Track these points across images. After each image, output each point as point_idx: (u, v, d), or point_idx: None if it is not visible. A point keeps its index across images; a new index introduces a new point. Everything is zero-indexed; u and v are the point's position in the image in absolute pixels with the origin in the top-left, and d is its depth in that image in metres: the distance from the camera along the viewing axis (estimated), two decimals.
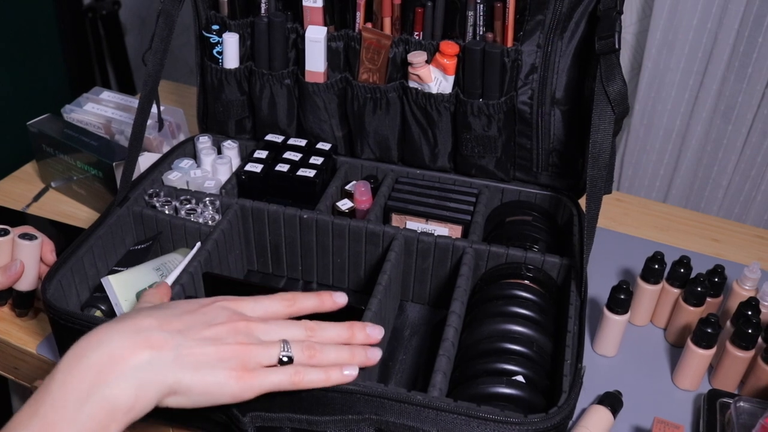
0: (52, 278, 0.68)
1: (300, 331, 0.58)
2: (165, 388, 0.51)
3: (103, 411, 0.48)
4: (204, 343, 0.53)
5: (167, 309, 0.55)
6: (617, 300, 0.75)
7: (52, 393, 0.48)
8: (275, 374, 0.54)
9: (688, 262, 0.79)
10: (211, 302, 0.57)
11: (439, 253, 0.78)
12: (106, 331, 0.51)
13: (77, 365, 0.49)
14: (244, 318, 0.56)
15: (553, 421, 0.56)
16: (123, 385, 0.49)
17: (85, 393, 0.48)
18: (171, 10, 0.78)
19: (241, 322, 0.56)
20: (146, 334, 0.51)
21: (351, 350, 0.58)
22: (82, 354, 0.49)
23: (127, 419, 0.49)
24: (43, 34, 1.54)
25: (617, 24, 0.70)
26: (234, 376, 0.53)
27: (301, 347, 0.56)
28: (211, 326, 0.54)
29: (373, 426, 0.58)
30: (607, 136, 0.68)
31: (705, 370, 0.74)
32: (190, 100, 1.25)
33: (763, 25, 1.06)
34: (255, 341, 0.55)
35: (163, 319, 0.53)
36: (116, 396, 0.48)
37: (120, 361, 0.49)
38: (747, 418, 0.67)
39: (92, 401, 0.48)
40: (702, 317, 0.72)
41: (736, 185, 1.21)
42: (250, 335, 0.55)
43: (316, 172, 0.84)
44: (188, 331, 0.53)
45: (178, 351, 0.52)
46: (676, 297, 0.80)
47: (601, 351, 0.79)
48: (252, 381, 0.53)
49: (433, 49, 0.81)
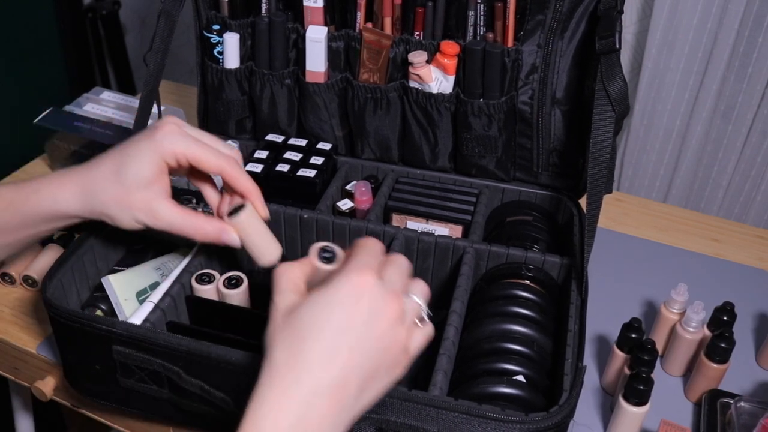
0: (52, 277, 0.68)
1: (419, 285, 0.53)
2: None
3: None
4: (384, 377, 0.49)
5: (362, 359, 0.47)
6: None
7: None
8: (419, 337, 0.50)
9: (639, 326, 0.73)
10: (389, 326, 0.48)
11: (440, 253, 0.78)
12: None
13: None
14: (404, 326, 0.49)
15: (554, 420, 0.56)
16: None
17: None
18: (172, 10, 0.78)
19: (405, 338, 0.49)
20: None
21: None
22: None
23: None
24: (43, 34, 1.54)
25: (618, 24, 0.70)
26: (401, 373, 0.50)
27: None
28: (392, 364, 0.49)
29: (374, 425, 0.58)
30: (607, 136, 0.68)
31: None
32: (191, 100, 1.25)
33: (763, 25, 1.06)
34: (410, 331, 0.50)
35: (363, 378, 0.47)
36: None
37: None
38: (747, 418, 0.67)
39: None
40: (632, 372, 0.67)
41: (736, 185, 1.21)
42: (410, 331, 0.50)
43: (317, 172, 0.84)
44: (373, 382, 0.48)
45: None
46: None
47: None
48: (408, 359, 0.50)
49: (433, 49, 0.81)
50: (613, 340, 0.74)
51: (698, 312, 0.74)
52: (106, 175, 0.64)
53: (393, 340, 0.48)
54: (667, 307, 0.78)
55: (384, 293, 0.48)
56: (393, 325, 0.48)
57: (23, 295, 0.87)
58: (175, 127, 0.64)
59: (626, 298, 0.89)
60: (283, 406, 0.45)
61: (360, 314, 0.47)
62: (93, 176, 0.64)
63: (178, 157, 0.64)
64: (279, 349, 0.47)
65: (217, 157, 0.65)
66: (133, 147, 0.64)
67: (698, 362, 0.74)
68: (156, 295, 0.69)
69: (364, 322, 0.47)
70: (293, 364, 0.46)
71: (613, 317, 0.82)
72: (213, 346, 0.61)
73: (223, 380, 0.61)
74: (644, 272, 0.93)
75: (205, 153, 0.64)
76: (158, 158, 0.63)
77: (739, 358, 0.79)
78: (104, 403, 0.70)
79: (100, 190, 0.64)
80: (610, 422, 0.70)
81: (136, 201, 0.63)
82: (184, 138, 0.64)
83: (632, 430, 0.68)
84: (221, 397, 0.62)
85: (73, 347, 0.68)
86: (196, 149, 0.64)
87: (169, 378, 0.63)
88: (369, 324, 0.47)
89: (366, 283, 0.47)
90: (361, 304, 0.47)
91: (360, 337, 0.46)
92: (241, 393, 0.62)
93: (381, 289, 0.48)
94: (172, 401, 0.66)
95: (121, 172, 0.63)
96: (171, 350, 0.62)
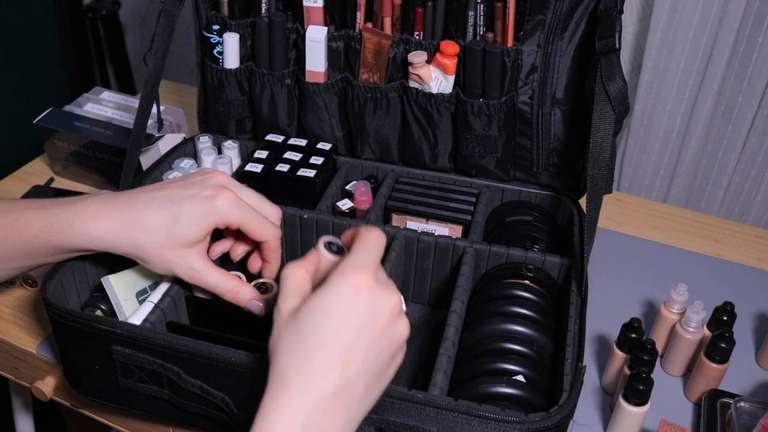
0: (52, 278, 0.68)
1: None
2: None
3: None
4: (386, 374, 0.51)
5: (364, 356, 0.48)
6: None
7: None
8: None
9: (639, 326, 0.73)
10: (386, 325, 0.49)
11: (440, 253, 0.78)
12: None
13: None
14: (403, 322, 0.51)
15: (553, 420, 0.56)
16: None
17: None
18: (172, 10, 0.78)
19: (403, 327, 0.51)
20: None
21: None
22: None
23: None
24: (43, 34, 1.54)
25: (617, 24, 0.70)
26: (399, 362, 0.51)
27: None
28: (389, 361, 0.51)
29: (374, 425, 0.58)
30: (607, 136, 0.68)
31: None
32: (191, 100, 1.25)
33: (763, 25, 1.06)
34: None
35: (367, 379, 0.48)
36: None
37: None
38: (747, 418, 0.67)
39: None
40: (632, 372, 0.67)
41: (736, 185, 1.21)
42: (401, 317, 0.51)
43: (317, 172, 0.84)
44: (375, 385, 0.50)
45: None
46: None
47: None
48: (403, 351, 0.52)
49: (433, 49, 0.81)
50: (613, 340, 0.74)
51: (698, 312, 0.74)
52: (157, 226, 0.63)
53: (394, 336, 0.49)
54: (667, 307, 0.78)
55: (380, 292, 0.48)
56: (392, 320, 0.49)
57: (23, 294, 0.87)
58: (233, 197, 0.65)
59: (626, 298, 0.89)
60: (291, 412, 0.45)
61: (359, 316, 0.47)
62: (141, 222, 0.63)
63: (231, 224, 0.65)
64: (283, 355, 0.47)
65: (265, 229, 0.66)
66: (190, 204, 0.63)
67: (698, 362, 0.74)
68: (156, 295, 0.69)
69: (364, 324, 0.47)
70: (297, 370, 0.46)
71: (613, 317, 0.82)
72: (213, 347, 0.61)
73: (223, 380, 0.61)
74: (644, 272, 0.93)
75: (256, 225, 0.66)
76: (212, 223, 0.64)
77: (739, 358, 0.79)
78: (104, 403, 0.70)
79: (145, 239, 0.63)
80: (609, 422, 0.70)
81: (177, 256, 0.64)
82: (241, 207, 0.65)
83: (632, 430, 0.68)
84: (221, 398, 0.62)
85: (73, 347, 0.68)
86: (250, 221, 0.65)
87: (169, 378, 0.63)
88: (368, 324, 0.48)
89: (363, 284, 0.48)
90: (360, 305, 0.47)
91: (362, 339, 0.47)
92: (240, 393, 0.62)
93: (377, 289, 0.48)
94: (172, 401, 0.66)
95: (171, 225, 0.63)
96: (171, 350, 0.62)
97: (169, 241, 0.63)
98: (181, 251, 0.64)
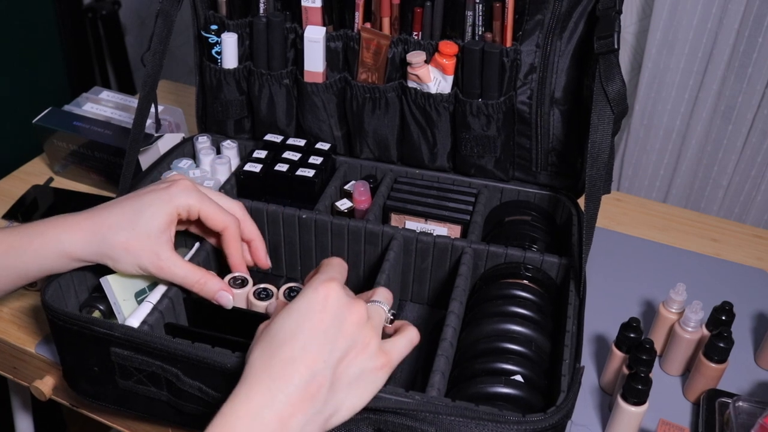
0: (51, 280, 0.68)
1: (382, 292, 0.61)
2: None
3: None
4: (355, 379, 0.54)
5: (329, 350, 0.53)
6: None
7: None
8: (400, 344, 0.58)
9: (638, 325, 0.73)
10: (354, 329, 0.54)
11: (438, 253, 0.78)
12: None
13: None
14: (369, 326, 0.55)
15: (551, 421, 0.56)
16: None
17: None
18: (170, 11, 0.78)
19: (372, 337, 0.55)
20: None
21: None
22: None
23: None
24: (43, 34, 1.54)
25: (616, 24, 0.70)
26: (384, 374, 0.55)
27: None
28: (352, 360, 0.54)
29: (372, 425, 0.58)
30: (606, 136, 0.68)
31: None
32: (189, 100, 1.25)
33: (763, 25, 1.05)
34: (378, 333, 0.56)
35: (333, 375, 0.53)
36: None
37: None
38: (746, 417, 0.67)
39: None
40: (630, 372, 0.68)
41: (736, 185, 1.21)
42: (377, 329, 0.56)
43: (315, 172, 0.84)
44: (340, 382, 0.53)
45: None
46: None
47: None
48: (389, 362, 0.56)
49: (432, 49, 0.81)
50: (611, 340, 0.74)
51: (697, 312, 0.74)
52: (120, 220, 0.66)
53: (359, 338, 0.53)
54: (666, 307, 0.78)
55: (347, 301, 0.54)
56: (358, 326, 0.54)
57: (22, 294, 0.87)
58: (189, 184, 0.70)
59: (625, 297, 0.89)
60: (262, 399, 0.50)
61: (327, 317, 0.53)
62: (104, 220, 0.66)
63: (190, 210, 0.69)
64: (254, 353, 0.53)
65: (223, 215, 0.71)
66: (149, 196, 0.68)
67: (697, 362, 0.74)
68: (154, 295, 0.69)
69: (330, 324, 0.53)
70: (266, 364, 0.51)
71: (611, 317, 0.82)
72: (210, 350, 0.61)
73: (222, 382, 0.61)
74: (643, 272, 0.93)
75: (213, 211, 0.70)
76: (172, 209, 0.68)
77: (737, 357, 0.79)
78: (103, 404, 0.70)
79: (111, 234, 0.66)
80: (608, 422, 0.70)
81: (143, 248, 0.66)
82: (198, 194, 0.69)
83: (631, 429, 0.68)
84: (220, 399, 0.62)
85: (71, 349, 0.68)
86: (208, 206, 0.70)
87: (168, 380, 0.63)
88: (334, 326, 0.53)
89: (331, 291, 0.54)
90: (327, 308, 0.53)
91: (327, 338, 0.52)
92: None
93: (345, 298, 0.54)
94: (171, 402, 0.66)
95: (135, 218, 0.66)
96: (169, 353, 0.62)
97: (135, 233, 0.66)
98: (148, 242, 0.66)
